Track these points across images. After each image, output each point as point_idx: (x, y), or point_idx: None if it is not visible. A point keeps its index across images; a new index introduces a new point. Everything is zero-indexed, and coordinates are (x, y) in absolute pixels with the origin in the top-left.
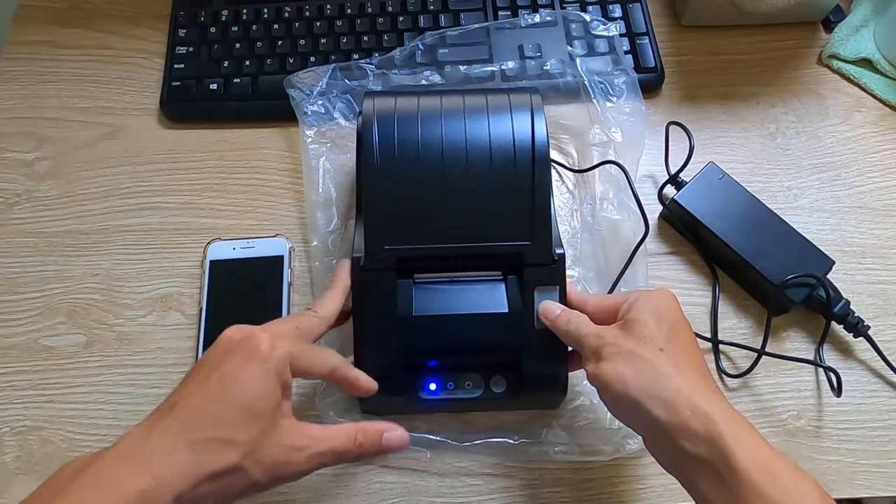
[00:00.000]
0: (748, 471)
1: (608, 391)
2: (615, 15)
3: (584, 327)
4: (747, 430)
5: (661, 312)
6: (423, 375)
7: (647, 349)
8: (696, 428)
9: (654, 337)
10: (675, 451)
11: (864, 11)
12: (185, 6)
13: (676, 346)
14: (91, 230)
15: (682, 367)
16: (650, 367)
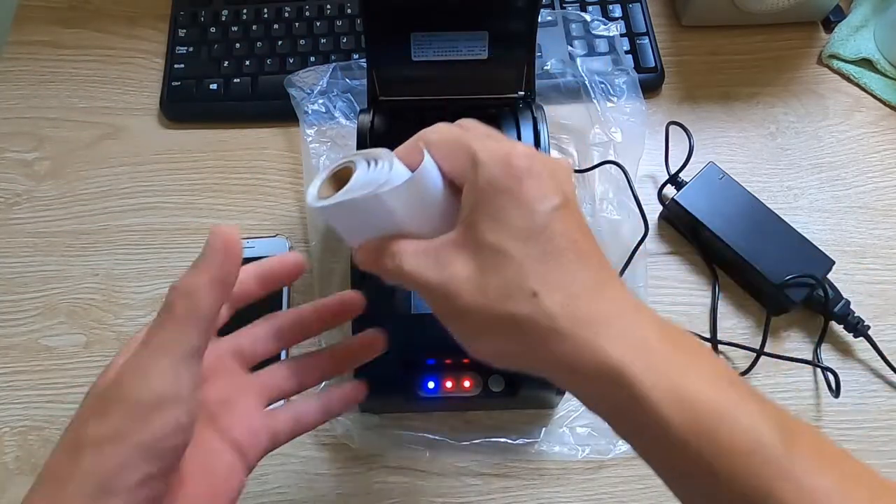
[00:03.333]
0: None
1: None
2: (615, 15)
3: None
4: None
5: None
6: (421, 374)
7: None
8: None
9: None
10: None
11: (864, 11)
12: (185, 6)
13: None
14: (91, 230)
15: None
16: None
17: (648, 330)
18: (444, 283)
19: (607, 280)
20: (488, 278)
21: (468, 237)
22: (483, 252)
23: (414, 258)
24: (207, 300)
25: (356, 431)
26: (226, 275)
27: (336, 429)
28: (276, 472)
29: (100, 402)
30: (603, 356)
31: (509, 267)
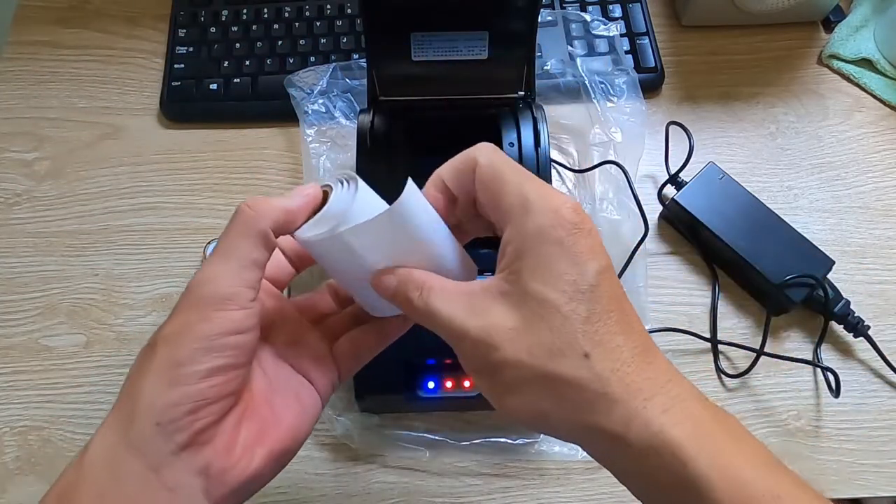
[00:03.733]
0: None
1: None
2: (615, 15)
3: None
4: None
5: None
6: (422, 374)
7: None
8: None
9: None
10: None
11: (864, 11)
12: (185, 6)
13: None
14: (91, 230)
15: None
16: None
17: (697, 406)
18: (483, 331)
19: (650, 347)
20: (535, 333)
21: (511, 285)
22: (528, 303)
23: (444, 298)
24: (269, 220)
25: (356, 431)
26: (294, 209)
27: (336, 429)
28: None
29: (174, 309)
30: (656, 429)
31: (558, 323)
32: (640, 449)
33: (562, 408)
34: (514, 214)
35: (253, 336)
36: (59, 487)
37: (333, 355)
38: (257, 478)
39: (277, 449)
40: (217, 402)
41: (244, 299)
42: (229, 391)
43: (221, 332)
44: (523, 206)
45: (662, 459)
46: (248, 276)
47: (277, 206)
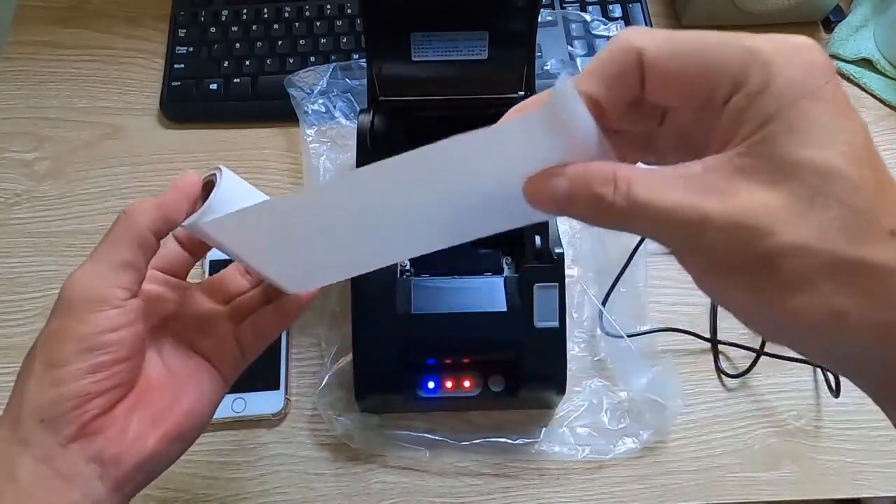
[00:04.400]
0: None
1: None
2: (615, 15)
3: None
4: None
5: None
6: (422, 374)
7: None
8: None
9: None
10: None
11: (864, 11)
12: (185, 6)
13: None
14: (91, 230)
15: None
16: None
17: None
18: (740, 214)
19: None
20: (820, 209)
21: (758, 158)
22: (797, 174)
23: (654, 185)
24: (144, 221)
25: (356, 431)
26: (169, 204)
27: (336, 429)
28: (276, 472)
29: (51, 312)
30: None
31: (848, 194)
32: None
33: (865, 304)
34: (745, 67)
35: (132, 331)
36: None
37: (237, 337)
38: (155, 458)
39: (173, 431)
40: (102, 396)
41: (116, 299)
42: (114, 384)
43: (97, 332)
44: (754, 56)
45: None
46: (119, 277)
47: (150, 204)
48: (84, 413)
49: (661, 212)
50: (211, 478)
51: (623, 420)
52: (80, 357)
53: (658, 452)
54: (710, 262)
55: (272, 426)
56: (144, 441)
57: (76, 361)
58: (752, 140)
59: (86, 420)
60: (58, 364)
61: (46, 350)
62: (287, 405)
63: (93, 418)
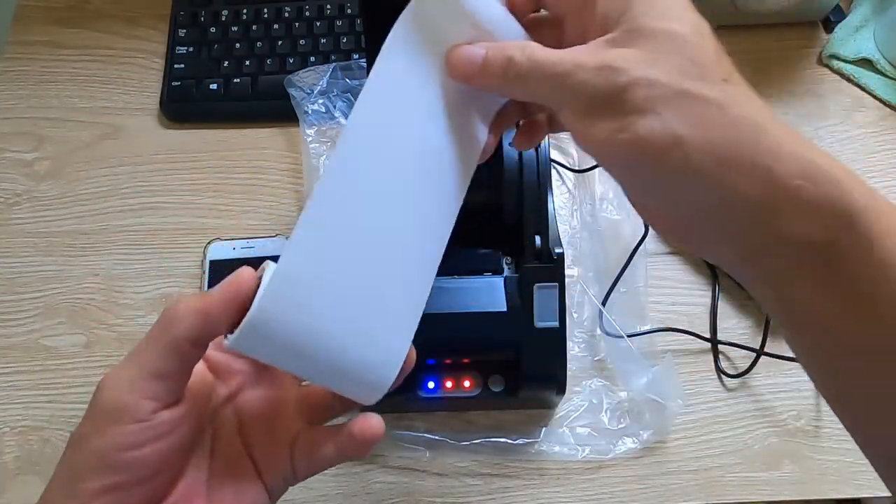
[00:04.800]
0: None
1: (651, 163)
2: None
3: (554, 56)
4: (886, 202)
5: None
6: (421, 374)
7: (708, 84)
8: (813, 199)
9: (707, 60)
10: (760, 236)
11: (864, 11)
12: (185, 6)
13: (734, 71)
14: (91, 230)
15: (763, 107)
16: (724, 115)
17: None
18: (601, 60)
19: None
20: (667, 58)
21: (624, 32)
22: (653, 38)
23: (545, 49)
24: (181, 330)
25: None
26: (214, 313)
27: None
28: None
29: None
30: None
31: (689, 51)
32: (788, 183)
33: (702, 134)
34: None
35: (158, 448)
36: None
37: (292, 451)
38: None
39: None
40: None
41: (142, 412)
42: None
43: (115, 448)
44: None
45: (818, 187)
46: (150, 387)
47: (192, 308)
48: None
49: (550, 66)
50: None
51: (623, 420)
52: (95, 475)
53: (658, 452)
54: (580, 104)
55: None
56: None
57: (92, 479)
58: (617, 23)
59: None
60: (75, 477)
61: (71, 455)
62: None
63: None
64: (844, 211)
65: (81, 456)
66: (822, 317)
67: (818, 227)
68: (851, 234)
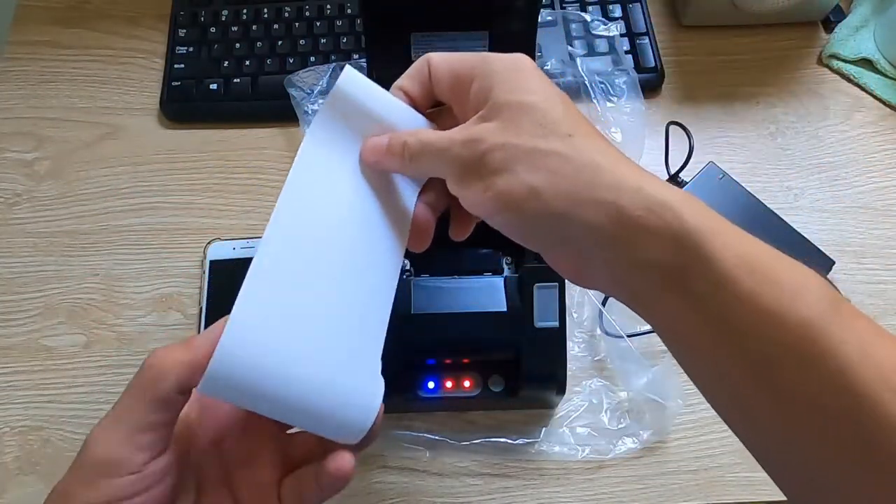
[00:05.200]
0: (728, 267)
1: (515, 213)
2: (615, 15)
3: (435, 137)
4: (719, 220)
5: (536, 82)
6: (421, 374)
7: (553, 139)
8: (655, 227)
9: (554, 120)
10: (622, 264)
11: (864, 11)
12: (185, 6)
13: (584, 125)
14: (91, 230)
15: (607, 152)
16: (568, 162)
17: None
18: (466, 135)
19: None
20: (518, 124)
21: (487, 109)
22: (507, 109)
23: (430, 133)
24: (169, 384)
25: None
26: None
27: None
28: None
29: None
30: (649, 190)
31: (538, 115)
32: (631, 214)
33: (551, 181)
34: (480, 67)
35: (146, 498)
36: None
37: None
38: None
39: None
40: None
41: (134, 464)
42: None
43: (106, 501)
44: (485, 58)
45: (658, 216)
46: (142, 440)
47: (177, 359)
48: None
49: (433, 145)
50: None
51: (623, 420)
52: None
53: (658, 452)
54: (456, 172)
55: None
56: None
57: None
58: (486, 101)
59: None
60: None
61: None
62: None
63: None
64: (683, 235)
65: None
66: (686, 332)
67: (665, 252)
68: (693, 255)
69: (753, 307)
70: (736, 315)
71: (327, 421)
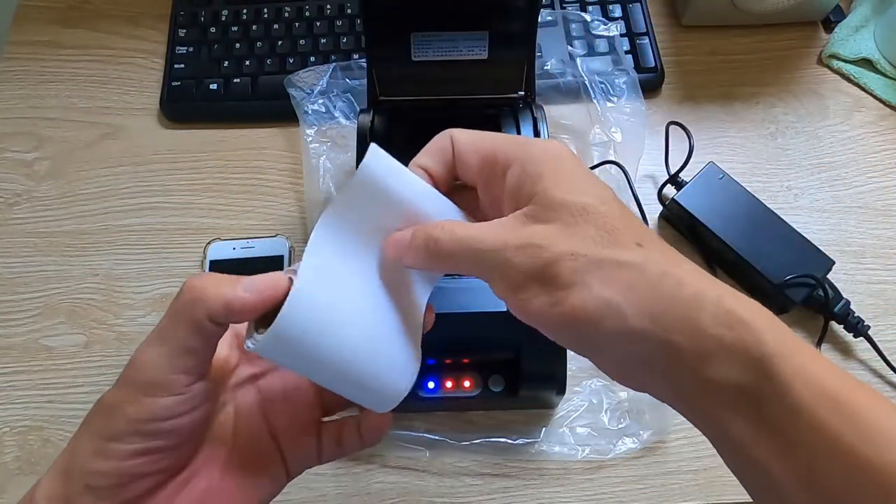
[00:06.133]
0: (806, 399)
1: (590, 330)
2: (615, 15)
3: (479, 234)
4: (799, 343)
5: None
6: (422, 374)
7: (622, 250)
8: (732, 346)
9: (617, 228)
10: (691, 380)
11: (864, 11)
12: (185, 6)
13: (646, 232)
14: (91, 230)
15: (678, 261)
16: (643, 275)
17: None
18: (524, 237)
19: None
20: (581, 229)
21: (537, 205)
22: (564, 210)
23: (468, 227)
24: (203, 312)
25: None
26: (235, 303)
27: None
28: None
29: (119, 376)
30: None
31: (600, 220)
32: (714, 334)
33: (628, 297)
34: (517, 153)
35: (189, 419)
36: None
37: (319, 432)
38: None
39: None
40: (147, 478)
41: (177, 386)
42: (162, 468)
43: (150, 418)
44: (523, 143)
45: (738, 335)
46: (182, 363)
47: (220, 295)
48: (126, 492)
49: (475, 244)
50: None
51: (623, 420)
52: (130, 438)
53: (658, 452)
54: (512, 280)
55: None
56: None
57: (126, 441)
58: (531, 195)
59: (127, 498)
60: (109, 437)
61: (103, 417)
62: None
63: (135, 498)
64: (759, 356)
65: (115, 422)
66: (751, 454)
67: (740, 372)
68: (767, 378)
69: (832, 443)
70: (811, 448)
71: (365, 392)
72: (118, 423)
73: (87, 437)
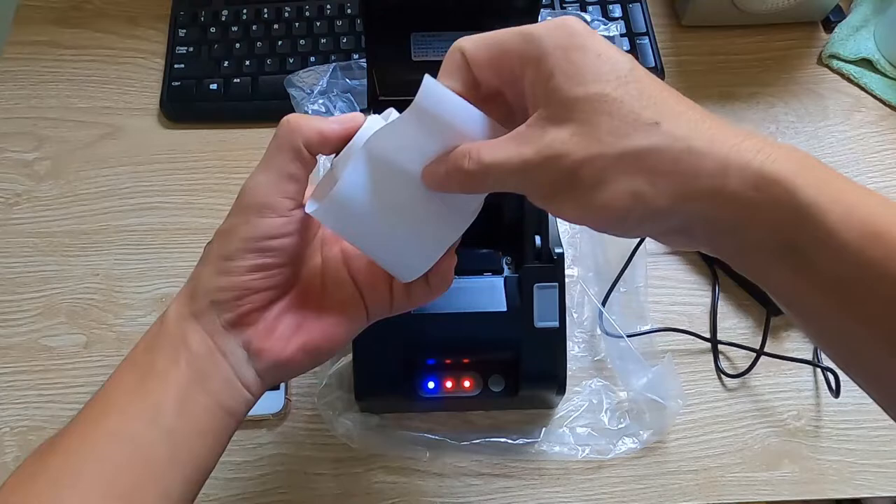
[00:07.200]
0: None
1: (624, 222)
2: (615, 15)
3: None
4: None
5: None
6: (422, 374)
7: (639, 135)
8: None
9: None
10: (734, 245)
11: (864, 11)
12: (185, 6)
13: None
14: (91, 230)
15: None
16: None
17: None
18: (543, 150)
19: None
20: (596, 125)
21: (552, 106)
22: (578, 108)
23: (493, 149)
24: (302, 136)
25: (356, 431)
26: (328, 131)
27: (336, 429)
28: (276, 473)
29: (230, 210)
30: (756, 166)
31: (615, 108)
32: (743, 198)
33: (651, 182)
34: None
35: (294, 240)
36: (147, 340)
37: (392, 287)
38: (290, 363)
39: (311, 345)
40: (259, 293)
41: (282, 208)
42: (271, 285)
43: (262, 236)
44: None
45: (768, 194)
46: (286, 187)
47: (313, 125)
48: (243, 304)
49: (501, 166)
50: (211, 478)
51: (623, 420)
52: (245, 255)
53: (658, 452)
54: (543, 191)
55: (272, 426)
56: (284, 345)
57: (242, 258)
58: (545, 97)
59: (244, 311)
60: (227, 257)
61: (221, 243)
62: (287, 405)
63: (249, 311)
64: (794, 208)
65: (231, 242)
66: (806, 304)
67: (776, 228)
68: (807, 231)
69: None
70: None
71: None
72: (234, 243)
73: (207, 264)
